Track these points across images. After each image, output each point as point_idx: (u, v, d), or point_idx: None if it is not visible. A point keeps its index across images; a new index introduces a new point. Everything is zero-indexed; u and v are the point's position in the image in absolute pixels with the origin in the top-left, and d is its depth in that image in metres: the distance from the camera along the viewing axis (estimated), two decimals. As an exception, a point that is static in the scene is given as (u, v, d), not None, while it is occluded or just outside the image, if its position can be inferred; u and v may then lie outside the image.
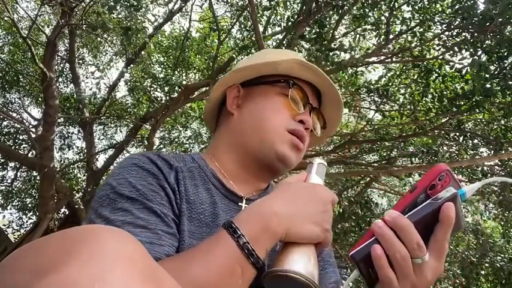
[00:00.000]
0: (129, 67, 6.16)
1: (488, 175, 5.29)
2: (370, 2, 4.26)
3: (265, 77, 0.79)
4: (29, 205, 7.80)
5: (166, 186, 0.64)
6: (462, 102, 4.09)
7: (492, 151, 4.60)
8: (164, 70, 6.91)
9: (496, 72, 3.57)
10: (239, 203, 0.73)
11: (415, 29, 4.40)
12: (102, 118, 7.12)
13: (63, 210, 6.66)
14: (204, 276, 0.50)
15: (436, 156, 4.66)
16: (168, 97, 5.34)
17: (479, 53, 3.72)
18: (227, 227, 0.54)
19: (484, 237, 5.92)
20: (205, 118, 0.88)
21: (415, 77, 4.99)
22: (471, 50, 3.82)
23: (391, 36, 4.58)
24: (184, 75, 6.93)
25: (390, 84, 5.25)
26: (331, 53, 3.98)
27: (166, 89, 5.11)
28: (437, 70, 4.57)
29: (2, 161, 7.23)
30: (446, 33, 4.23)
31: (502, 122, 4.54)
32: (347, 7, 3.93)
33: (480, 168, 5.22)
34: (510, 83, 3.45)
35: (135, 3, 3.84)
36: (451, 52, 4.20)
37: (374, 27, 4.60)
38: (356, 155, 6.20)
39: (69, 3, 4.41)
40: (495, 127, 4.74)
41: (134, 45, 5.60)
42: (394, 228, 0.53)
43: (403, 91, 5.23)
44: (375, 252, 0.52)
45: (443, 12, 4.33)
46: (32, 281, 0.29)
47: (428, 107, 4.67)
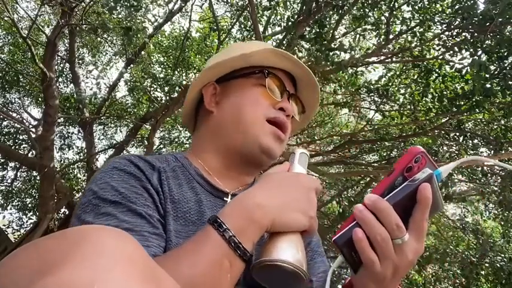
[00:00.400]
0: (129, 67, 6.16)
1: (489, 175, 5.29)
2: (370, 2, 4.25)
3: (239, 70, 0.79)
4: (29, 205, 7.79)
5: (150, 188, 0.64)
6: (462, 102, 4.09)
7: (492, 151, 4.59)
8: (164, 70, 6.90)
9: (496, 72, 3.57)
10: (225, 199, 0.73)
11: (415, 29, 4.40)
12: (102, 118, 7.10)
13: (63, 210, 6.66)
14: (193, 273, 0.50)
15: (436, 156, 4.66)
16: (168, 97, 5.34)
17: (479, 53, 3.72)
18: (212, 222, 0.54)
19: (484, 237, 5.92)
20: (184, 120, 0.88)
21: (415, 77, 4.99)
22: (471, 50, 3.82)
23: (391, 36, 4.58)
24: (184, 75, 6.92)
25: (390, 84, 5.24)
26: (331, 53, 3.98)
27: (166, 89, 5.11)
28: (437, 70, 4.56)
29: (2, 161, 7.22)
30: (446, 33, 4.23)
31: (502, 122, 4.54)
32: (347, 7, 3.93)
33: (480, 168, 5.22)
34: (510, 83, 3.44)
35: (135, 4, 3.84)
36: (451, 52, 4.20)
37: (374, 27, 4.59)
38: (356, 155, 6.20)
39: (69, 3, 4.40)
40: (495, 127, 4.73)
41: (134, 45, 5.60)
42: (374, 211, 0.54)
43: (403, 91, 5.22)
44: (356, 236, 0.53)
45: (443, 12, 4.32)
46: (31, 281, 0.29)
47: (428, 107, 4.66)
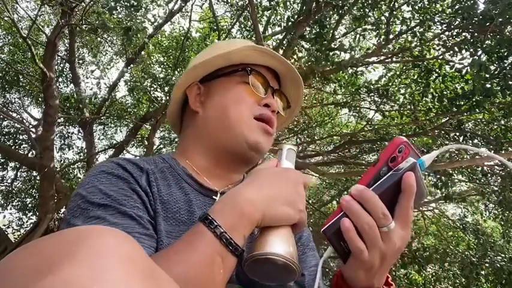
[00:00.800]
0: (129, 67, 6.16)
1: (489, 175, 5.29)
2: (370, 2, 4.25)
3: (222, 69, 0.79)
4: (29, 205, 7.77)
5: (139, 189, 0.64)
6: (462, 102, 4.09)
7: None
8: (164, 70, 6.89)
9: (496, 72, 3.57)
10: (214, 197, 0.73)
11: (415, 29, 4.39)
12: (102, 118, 7.10)
13: (63, 210, 6.65)
14: (186, 270, 0.50)
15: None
16: (168, 97, 5.34)
17: (479, 53, 3.72)
18: (203, 219, 0.54)
19: (484, 237, 5.92)
20: (170, 122, 0.88)
21: (415, 77, 4.99)
22: (471, 50, 3.82)
23: (391, 36, 4.58)
24: (184, 75, 6.90)
25: (390, 84, 5.25)
26: (331, 53, 3.98)
27: (166, 89, 5.10)
28: (437, 70, 4.56)
29: (2, 161, 7.21)
30: (446, 33, 4.23)
31: (502, 122, 4.54)
32: (347, 7, 3.93)
33: (480, 168, 5.22)
34: (510, 83, 3.44)
35: (135, 4, 3.83)
36: (451, 52, 4.20)
37: (374, 27, 4.59)
38: (356, 155, 6.20)
39: (69, 3, 4.39)
40: (495, 127, 4.74)
41: (134, 45, 5.59)
42: (360, 201, 0.55)
43: (403, 91, 5.23)
44: (344, 225, 0.55)
45: (443, 12, 4.32)
46: (31, 281, 0.29)
47: (428, 107, 4.67)
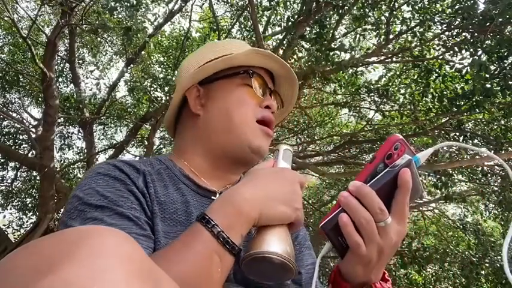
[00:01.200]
0: (129, 67, 6.15)
1: (489, 175, 5.28)
2: (370, 2, 4.25)
3: (221, 71, 0.79)
4: (29, 205, 7.77)
5: (136, 191, 0.64)
6: (462, 102, 4.09)
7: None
8: (164, 70, 6.89)
9: (496, 72, 3.57)
10: (212, 198, 0.73)
11: (415, 29, 4.39)
12: (102, 118, 7.09)
13: (63, 210, 6.65)
14: (184, 270, 0.50)
15: (436, 156, 4.66)
16: (168, 97, 5.33)
17: (479, 53, 3.72)
18: (200, 219, 0.55)
19: (484, 237, 5.91)
20: (167, 124, 0.88)
21: (415, 77, 4.99)
22: (471, 50, 3.82)
23: (391, 36, 4.58)
24: (184, 75, 6.90)
25: (390, 84, 5.24)
26: (331, 53, 3.98)
27: (166, 89, 5.10)
28: (437, 70, 4.56)
29: (2, 161, 7.21)
30: (446, 33, 4.22)
31: (502, 122, 4.54)
32: (347, 7, 3.93)
33: (480, 168, 5.22)
34: (510, 83, 3.44)
35: (135, 3, 3.83)
36: (451, 52, 4.20)
37: (374, 27, 4.58)
38: (356, 155, 6.19)
39: (69, 3, 4.39)
40: (495, 127, 4.73)
41: (134, 45, 5.59)
42: (358, 197, 0.56)
43: (403, 91, 5.22)
44: (341, 220, 0.56)
45: (443, 12, 4.32)
46: (31, 281, 0.29)
47: (428, 107, 4.66)
